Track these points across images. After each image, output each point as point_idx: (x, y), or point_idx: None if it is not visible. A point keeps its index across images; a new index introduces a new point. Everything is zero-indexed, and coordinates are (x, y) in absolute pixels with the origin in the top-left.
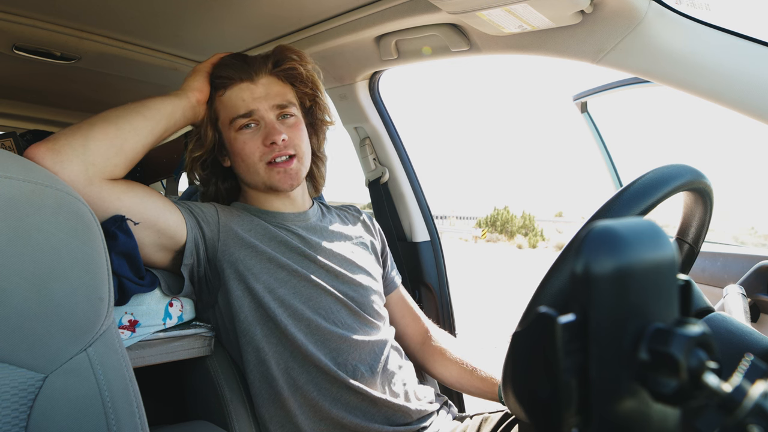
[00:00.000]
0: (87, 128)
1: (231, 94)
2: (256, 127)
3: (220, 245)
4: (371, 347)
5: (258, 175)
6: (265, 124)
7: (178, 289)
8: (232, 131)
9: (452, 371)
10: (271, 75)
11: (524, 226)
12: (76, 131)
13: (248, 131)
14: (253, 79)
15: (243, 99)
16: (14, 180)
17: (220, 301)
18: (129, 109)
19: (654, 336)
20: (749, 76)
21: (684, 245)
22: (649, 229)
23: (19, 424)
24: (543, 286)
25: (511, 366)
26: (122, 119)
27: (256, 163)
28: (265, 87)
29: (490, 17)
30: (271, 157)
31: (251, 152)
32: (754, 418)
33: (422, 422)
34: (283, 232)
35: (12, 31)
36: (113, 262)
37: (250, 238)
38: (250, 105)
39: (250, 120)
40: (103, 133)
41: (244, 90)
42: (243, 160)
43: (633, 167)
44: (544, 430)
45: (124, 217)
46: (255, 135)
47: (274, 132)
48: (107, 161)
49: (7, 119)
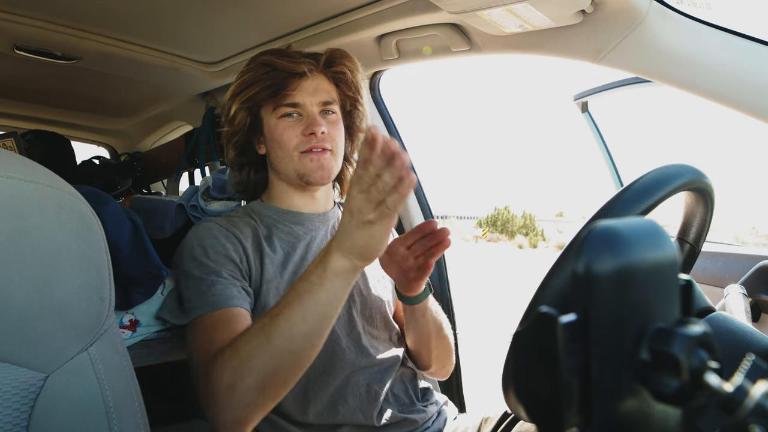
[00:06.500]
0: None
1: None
2: (297, 117)
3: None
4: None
5: (292, 162)
6: (307, 115)
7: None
8: (273, 117)
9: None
10: (321, 73)
11: (525, 226)
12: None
13: (290, 120)
14: (304, 74)
15: (292, 90)
16: (15, 180)
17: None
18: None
19: (655, 336)
20: (750, 75)
21: (685, 245)
22: (650, 229)
23: (20, 424)
24: (544, 285)
25: (512, 366)
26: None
27: (292, 150)
28: (314, 83)
29: (490, 17)
30: (307, 147)
31: (289, 139)
32: (756, 417)
33: (424, 424)
34: (292, 238)
35: (13, 31)
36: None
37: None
38: (297, 97)
39: (294, 110)
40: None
41: (293, 83)
42: (280, 146)
43: (634, 167)
44: (545, 430)
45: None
46: (296, 124)
47: (315, 123)
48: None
49: (8, 119)
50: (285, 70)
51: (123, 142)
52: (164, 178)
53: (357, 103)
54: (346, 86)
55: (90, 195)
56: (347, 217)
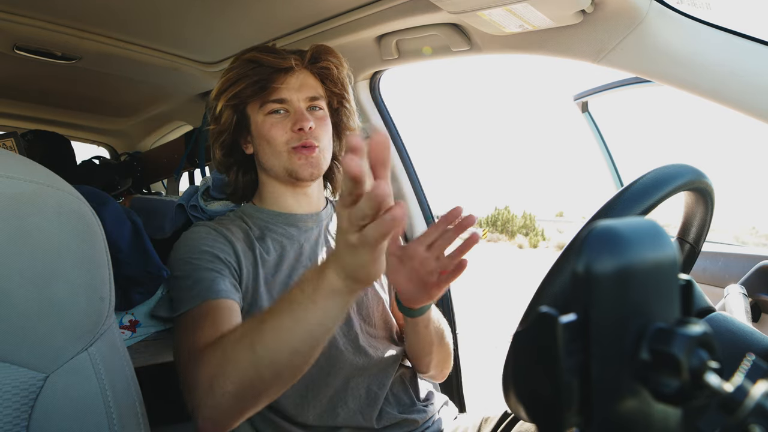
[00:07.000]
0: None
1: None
2: (285, 113)
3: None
4: (377, 366)
5: (281, 158)
6: (294, 111)
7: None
8: (260, 114)
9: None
10: (306, 69)
11: (525, 226)
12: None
13: (277, 116)
14: (290, 69)
15: (277, 86)
16: (16, 180)
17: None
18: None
19: (655, 336)
20: (750, 75)
21: (685, 245)
22: (650, 229)
23: (20, 424)
24: (544, 285)
25: (512, 366)
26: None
27: (281, 146)
28: (300, 79)
29: (490, 17)
30: (297, 143)
31: (278, 135)
32: (756, 417)
33: (424, 424)
34: (285, 239)
35: (13, 31)
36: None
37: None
38: (283, 93)
39: (281, 107)
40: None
41: (279, 78)
42: (268, 143)
43: (634, 167)
44: (545, 430)
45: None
46: (284, 120)
47: (302, 119)
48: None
49: (8, 119)
50: (271, 66)
51: (123, 142)
52: (164, 178)
53: (344, 100)
54: (332, 83)
55: (90, 195)
56: (338, 233)
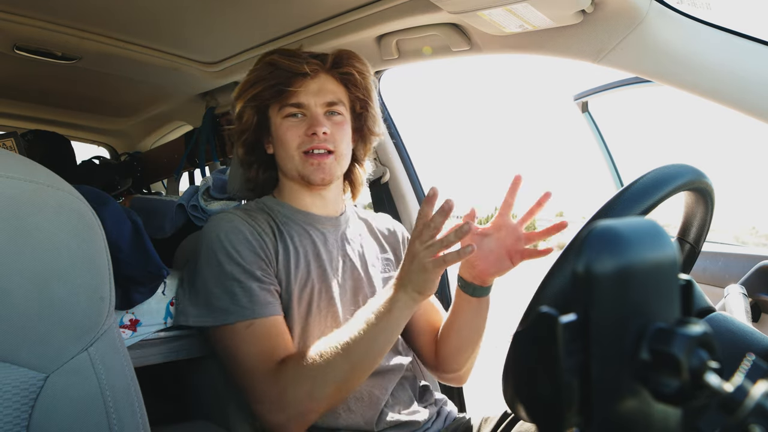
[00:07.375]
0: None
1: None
2: (302, 117)
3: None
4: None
5: (293, 161)
6: (310, 115)
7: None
8: (279, 117)
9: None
10: (328, 73)
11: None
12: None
13: (294, 120)
14: (309, 75)
15: (295, 90)
16: (15, 180)
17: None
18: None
19: (655, 336)
20: (750, 75)
21: (685, 245)
22: (650, 229)
23: (20, 424)
24: (544, 285)
25: (512, 366)
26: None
27: (294, 150)
28: (319, 84)
29: (490, 17)
30: (309, 147)
31: (291, 139)
32: (756, 417)
33: (424, 425)
34: (303, 236)
35: (13, 31)
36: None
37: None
38: (300, 97)
39: (298, 110)
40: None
41: (297, 82)
42: (282, 146)
43: (634, 167)
44: (545, 430)
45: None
46: (299, 124)
47: (316, 123)
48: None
49: (8, 119)
50: (288, 70)
51: (123, 142)
52: (164, 178)
53: (368, 105)
54: (355, 87)
55: (90, 195)
56: (408, 260)
